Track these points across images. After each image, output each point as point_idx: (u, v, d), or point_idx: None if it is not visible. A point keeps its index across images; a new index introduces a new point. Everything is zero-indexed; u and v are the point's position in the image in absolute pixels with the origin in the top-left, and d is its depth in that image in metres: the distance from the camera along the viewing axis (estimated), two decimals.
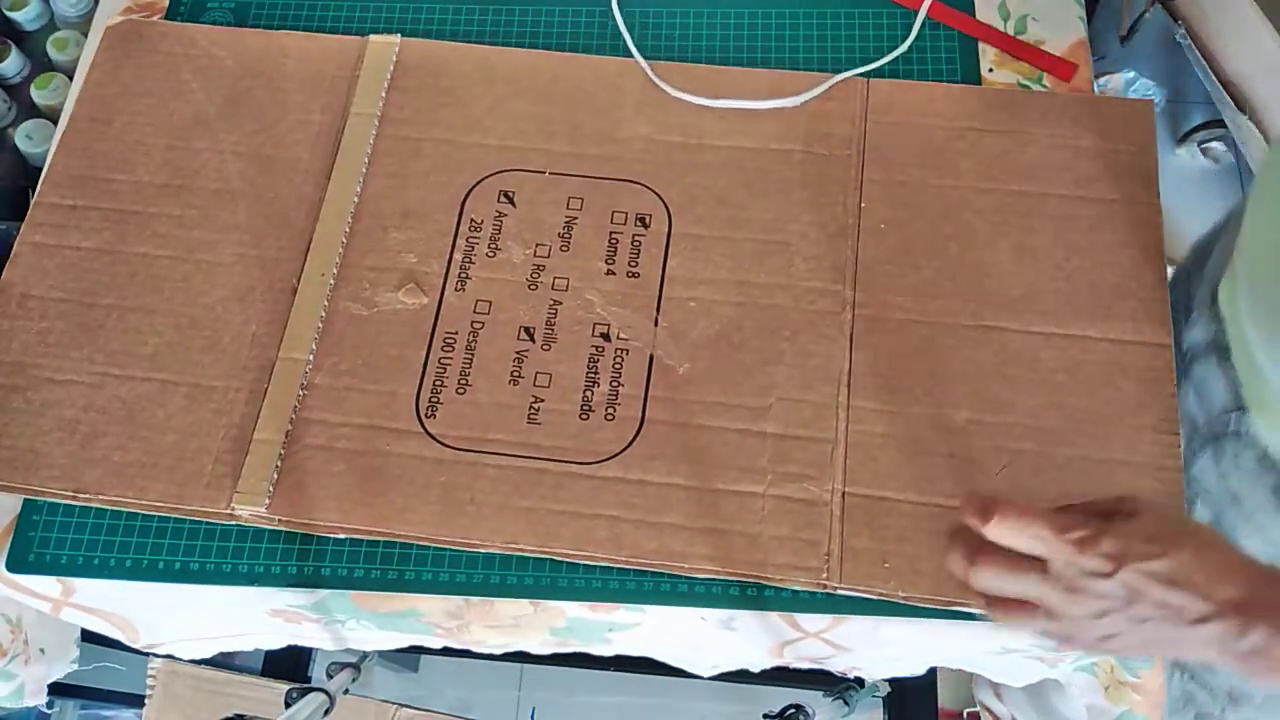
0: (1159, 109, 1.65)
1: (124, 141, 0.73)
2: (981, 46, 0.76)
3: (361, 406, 0.65)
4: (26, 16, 0.92)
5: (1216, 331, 0.64)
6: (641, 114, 0.73)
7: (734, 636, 0.68)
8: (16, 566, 0.64)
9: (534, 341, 0.67)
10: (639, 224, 0.70)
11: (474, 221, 0.70)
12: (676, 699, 1.32)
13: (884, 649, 0.70)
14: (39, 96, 0.89)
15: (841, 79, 0.73)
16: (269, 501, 0.63)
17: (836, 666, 0.75)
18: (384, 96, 0.74)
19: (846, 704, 1.06)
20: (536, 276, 0.68)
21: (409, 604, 0.66)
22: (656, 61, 0.74)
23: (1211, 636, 0.45)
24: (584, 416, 0.64)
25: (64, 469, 0.64)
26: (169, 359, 0.67)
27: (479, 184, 0.71)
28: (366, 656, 0.94)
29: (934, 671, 0.95)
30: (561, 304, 0.68)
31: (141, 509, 0.63)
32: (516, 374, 0.66)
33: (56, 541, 0.64)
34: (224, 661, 0.90)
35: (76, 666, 0.82)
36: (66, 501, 0.64)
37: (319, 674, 1.11)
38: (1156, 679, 0.63)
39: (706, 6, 0.78)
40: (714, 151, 0.71)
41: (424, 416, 0.65)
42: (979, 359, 0.65)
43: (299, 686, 0.78)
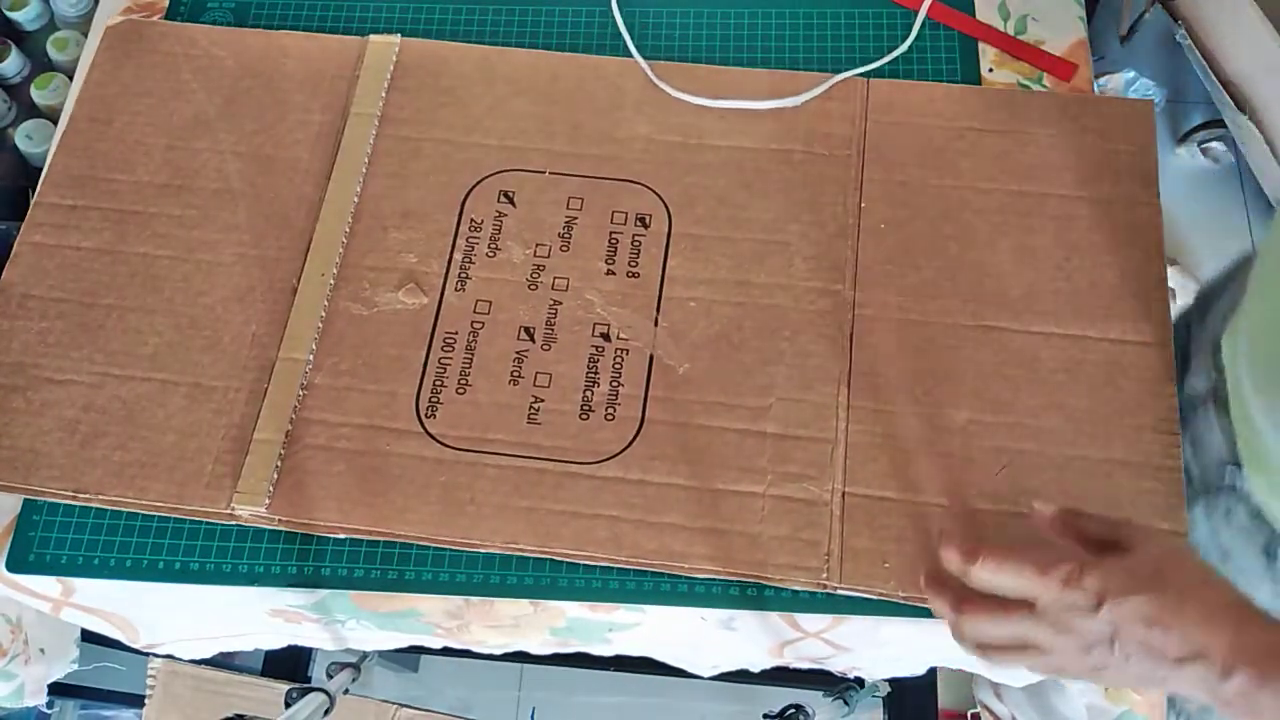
0: (1159, 109, 1.65)
1: (124, 141, 0.73)
2: (981, 46, 0.76)
3: (361, 406, 0.65)
4: (26, 16, 0.92)
5: (1216, 382, 0.63)
6: (641, 114, 0.73)
7: (734, 636, 0.68)
8: (16, 566, 0.64)
9: (534, 341, 0.67)
10: (639, 224, 0.70)
11: (474, 221, 0.70)
12: (676, 699, 1.32)
13: (884, 649, 0.70)
14: (39, 96, 0.89)
15: (841, 79, 0.73)
16: (269, 501, 0.63)
17: (836, 666, 0.75)
18: (384, 96, 0.74)
19: (846, 704, 1.06)
20: (536, 276, 0.68)
21: (409, 604, 0.66)
22: (656, 61, 0.74)
23: (1195, 677, 0.45)
24: (584, 416, 0.64)
25: (64, 469, 0.64)
26: (169, 359, 0.67)
27: (479, 184, 0.71)
28: (366, 656, 0.94)
29: (934, 671, 0.95)
30: (561, 304, 0.68)
31: (141, 509, 0.63)
32: (516, 374, 0.66)
33: (56, 541, 0.64)
34: (224, 661, 0.90)
35: (76, 666, 0.82)
36: (66, 501, 0.64)
37: (319, 674, 1.11)
38: None
39: (706, 6, 0.78)
40: (714, 151, 0.71)
41: (424, 416, 0.65)
42: (979, 359, 0.65)
43: (299, 686, 0.78)
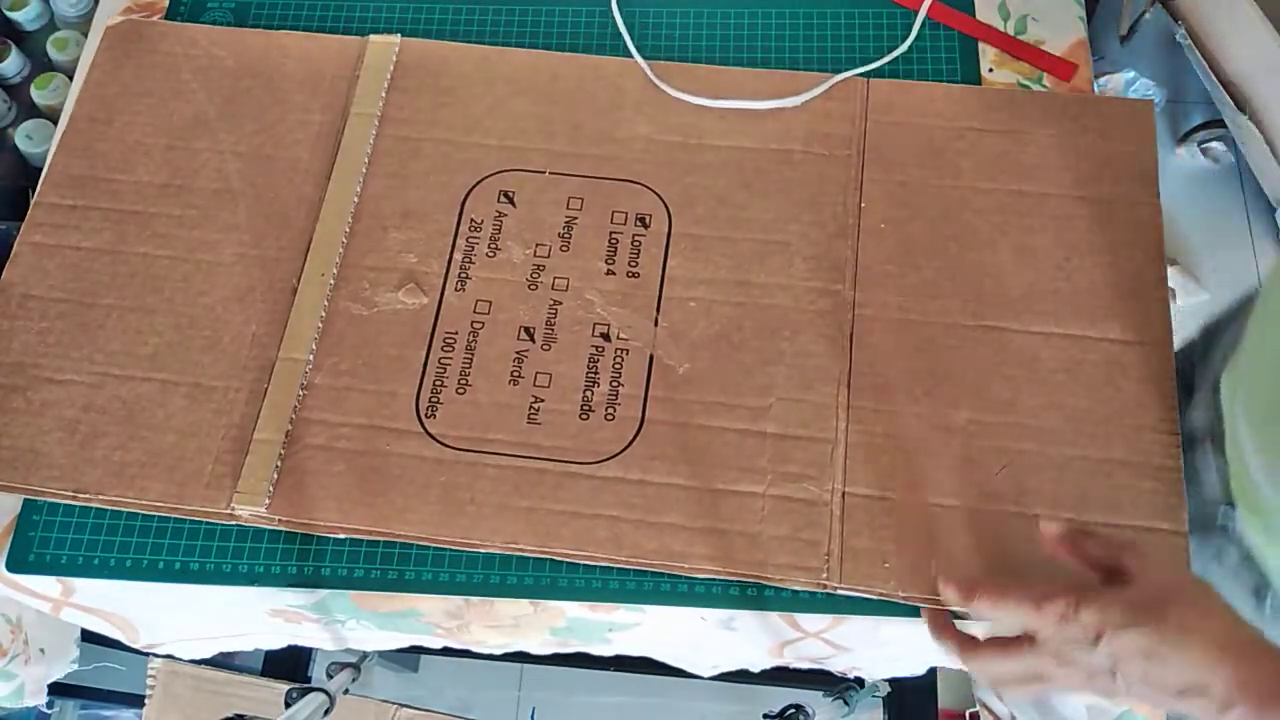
0: (1159, 109, 1.65)
1: (124, 141, 0.73)
2: (981, 46, 0.76)
3: (361, 406, 0.65)
4: (26, 16, 0.92)
5: (1215, 419, 0.62)
6: (641, 114, 0.73)
7: (734, 636, 0.68)
8: (16, 566, 0.64)
9: (534, 341, 0.67)
10: (639, 224, 0.70)
11: (474, 221, 0.70)
12: (676, 699, 1.32)
13: (884, 649, 0.70)
14: (39, 96, 0.89)
15: (841, 79, 0.73)
16: (269, 501, 0.63)
17: (836, 666, 0.75)
18: (384, 96, 0.74)
19: (846, 704, 1.06)
20: (536, 276, 0.68)
21: (409, 604, 0.66)
22: (656, 61, 0.74)
23: (1195, 708, 0.45)
24: (584, 416, 0.64)
25: (64, 469, 0.64)
26: (169, 359, 0.67)
27: (479, 184, 0.71)
28: (366, 656, 0.94)
29: (934, 671, 0.95)
30: (561, 304, 0.68)
31: (141, 509, 0.63)
32: (516, 374, 0.66)
33: (56, 541, 0.64)
34: (224, 661, 0.90)
35: (76, 666, 0.82)
36: (66, 501, 0.64)
37: (319, 674, 1.11)
38: None
39: (706, 6, 0.78)
40: (714, 151, 0.71)
41: (424, 416, 0.65)
42: (979, 359, 0.65)
43: (299, 686, 0.78)
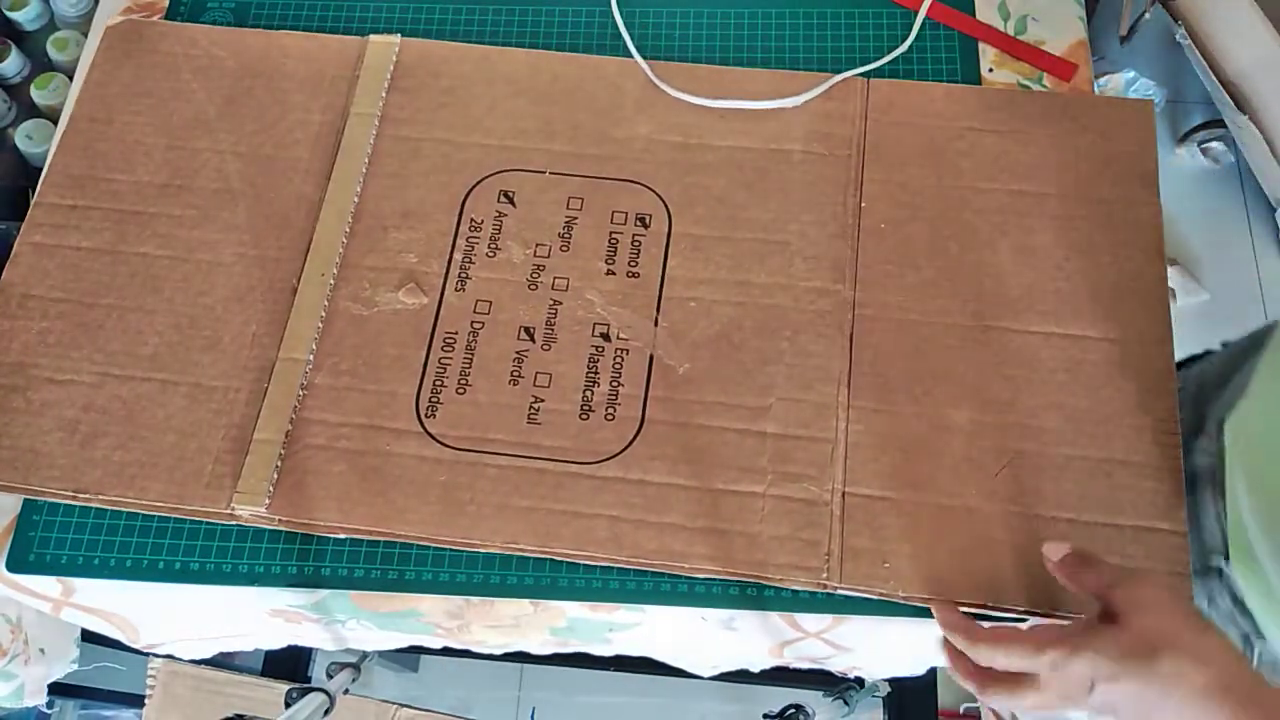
0: (1159, 109, 1.65)
1: (124, 141, 0.73)
2: (981, 46, 0.76)
3: (361, 406, 0.65)
4: (26, 16, 0.92)
5: (1220, 463, 0.62)
6: (641, 114, 0.73)
7: (734, 636, 0.68)
8: (16, 566, 0.64)
9: (534, 341, 0.67)
10: (639, 224, 0.70)
11: (474, 221, 0.70)
12: (676, 699, 1.32)
13: (884, 649, 0.70)
14: (39, 96, 0.89)
15: (841, 79, 0.73)
16: (269, 501, 0.63)
17: (836, 666, 0.75)
18: (384, 96, 0.74)
19: (846, 704, 1.06)
20: (536, 276, 0.68)
21: (409, 604, 0.66)
22: (656, 61, 0.74)
23: None
24: (584, 416, 0.64)
25: (64, 469, 0.64)
26: (169, 359, 0.67)
27: (479, 184, 0.71)
28: (366, 656, 0.94)
29: (934, 671, 0.95)
30: (561, 304, 0.68)
31: (141, 509, 0.63)
32: (516, 374, 0.66)
33: (56, 541, 0.64)
34: (224, 661, 0.90)
35: (76, 666, 0.82)
36: (66, 501, 0.64)
37: (319, 674, 1.11)
38: None
39: (706, 6, 0.78)
40: (714, 151, 0.71)
41: (424, 416, 0.65)
42: (979, 359, 0.65)
43: (299, 686, 0.78)
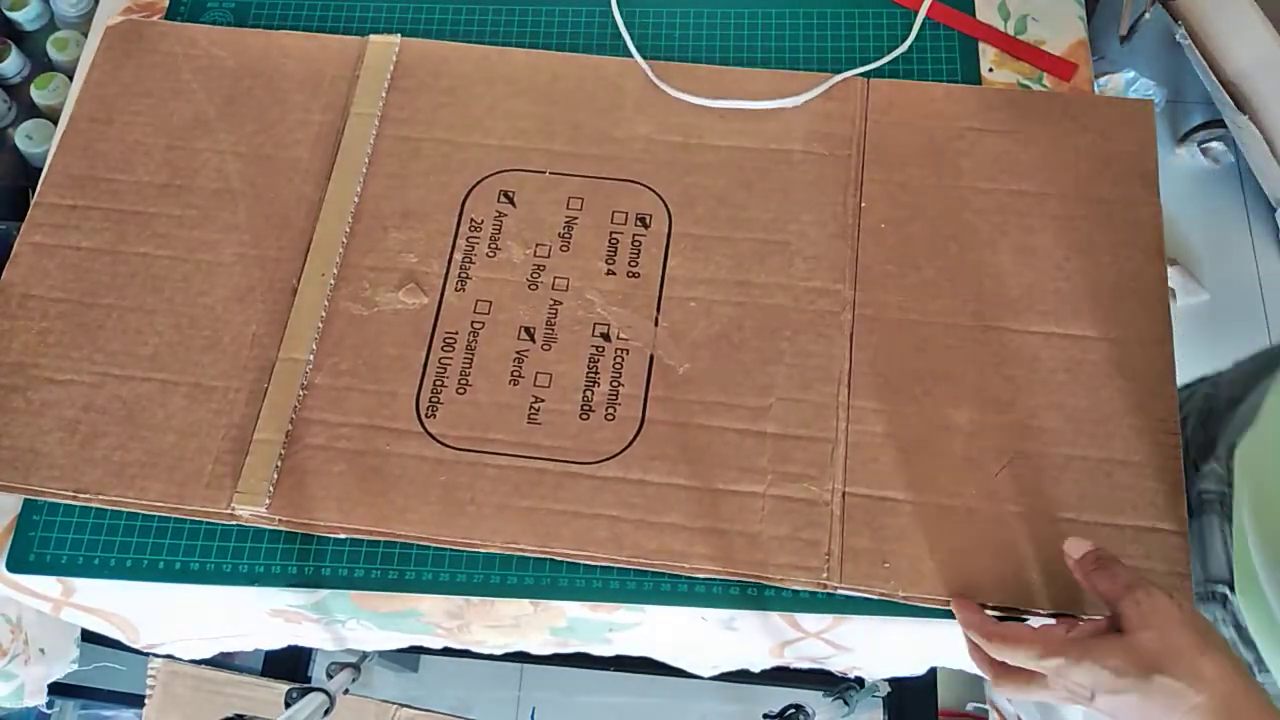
0: (1159, 109, 1.65)
1: (124, 141, 0.73)
2: (981, 46, 0.76)
3: (361, 406, 0.65)
4: (26, 16, 0.92)
5: (1228, 490, 0.62)
6: (641, 114, 0.73)
7: (734, 636, 0.68)
8: (16, 566, 0.64)
9: (534, 341, 0.67)
10: (639, 224, 0.70)
11: (474, 221, 0.70)
12: (676, 699, 1.32)
13: (884, 649, 0.70)
14: (39, 96, 0.89)
15: (841, 79, 0.73)
16: (269, 501, 0.63)
17: (836, 666, 0.75)
18: (384, 96, 0.74)
19: (846, 704, 1.06)
20: (536, 276, 0.68)
21: (409, 604, 0.66)
22: (656, 61, 0.74)
23: None
24: (584, 416, 0.64)
25: (64, 469, 0.64)
26: (169, 359, 0.67)
27: (479, 184, 0.71)
28: (366, 656, 0.94)
29: (934, 671, 0.95)
30: (561, 304, 0.68)
31: (141, 509, 0.63)
32: (516, 374, 0.66)
33: (56, 541, 0.64)
34: (224, 661, 0.90)
35: (76, 666, 0.82)
36: (66, 501, 0.64)
37: (319, 674, 1.11)
38: None
39: (706, 6, 0.78)
40: (714, 151, 0.71)
41: (424, 416, 0.65)
42: (979, 359, 0.65)
43: (299, 686, 0.78)
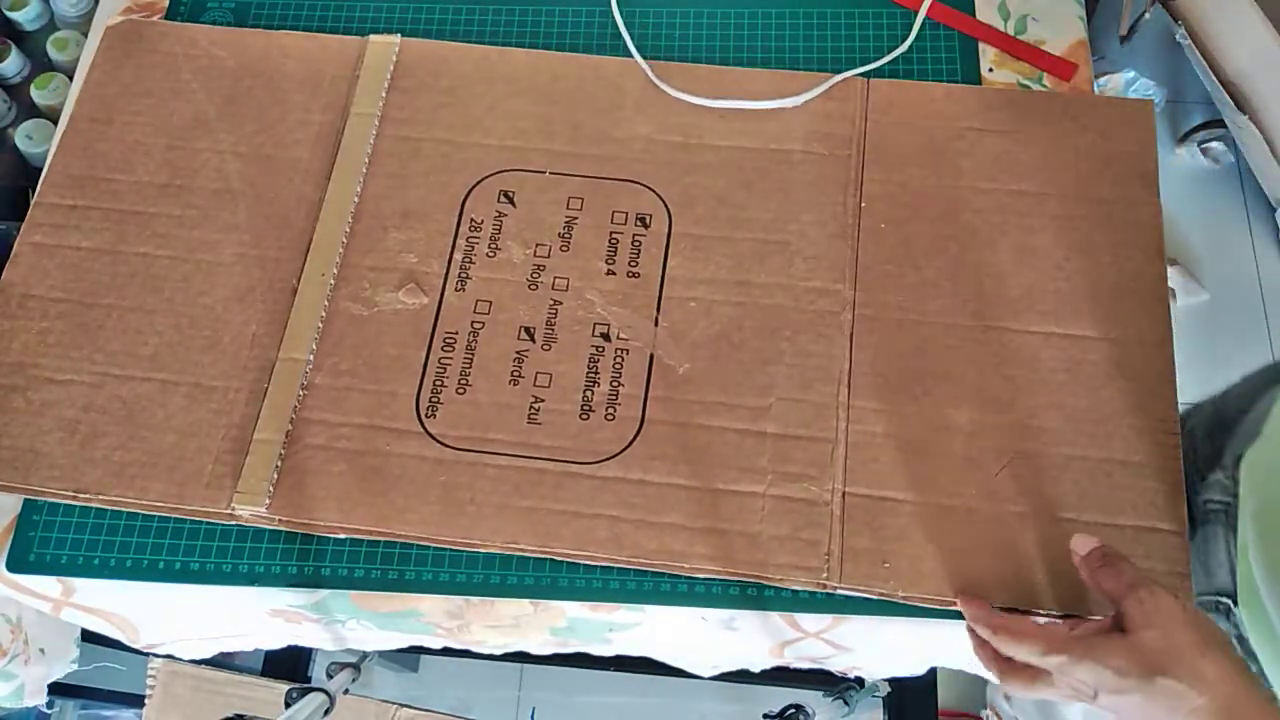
0: (1159, 109, 1.65)
1: (124, 141, 0.73)
2: (981, 46, 0.76)
3: (361, 406, 0.65)
4: (26, 16, 0.92)
5: (1233, 501, 0.62)
6: (641, 114, 0.73)
7: (734, 636, 0.68)
8: (16, 566, 0.64)
9: (534, 341, 0.67)
10: (639, 224, 0.70)
11: (474, 221, 0.70)
12: (676, 699, 1.32)
13: (884, 649, 0.70)
14: (39, 96, 0.89)
15: (841, 79, 0.73)
16: (269, 501, 0.63)
17: (836, 666, 0.75)
18: (384, 96, 0.74)
19: (846, 704, 1.06)
20: (536, 276, 0.68)
21: (409, 604, 0.66)
22: (656, 61, 0.74)
23: None
24: (584, 416, 0.64)
25: (64, 469, 0.64)
26: (169, 359, 0.67)
27: (479, 184, 0.71)
28: (366, 656, 0.94)
29: (934, 671, 0.95)
30: (561, 304, 0.68)
31: (141, 509, 0.63)
32: (516, 374, 0.66)
33: (56, 541, 0.64)
34: (224, 661, 0.90)
35: (76, 666, 0.82)
36: (66, 501, 0.64)
37: (319, 674, 1.11)
38: None
39: (706, 6, 0.78)
40: (714, 151, 0.71)
41: (424, 416, 0.65)
42: (979, 359, 0.65)
43: (299, 686, 0.78)
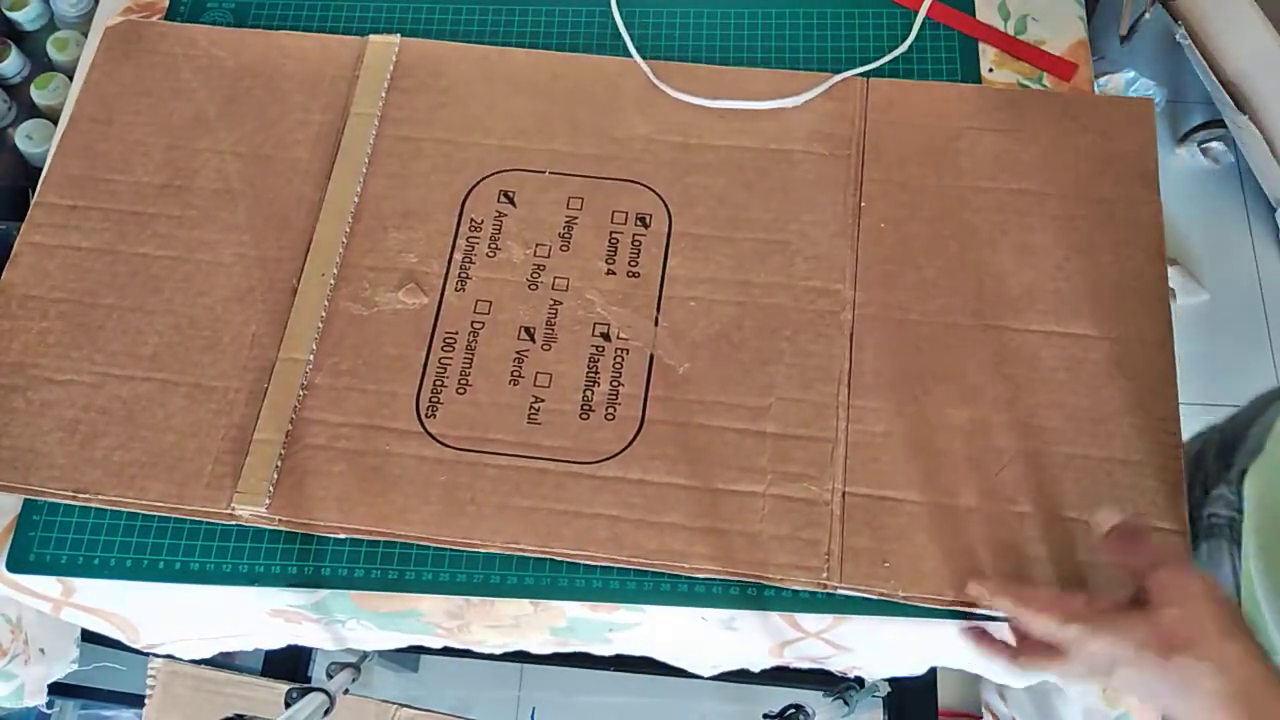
0: (1159, 109, 1.65)
1: (124, 141, 0.73)
2: (981, 46, 0.76)
3: (361, 406, 0.65)
4: (26, 16, 0.92)
5: (1238, 514, 0.63)
6: (641, 114, 0.73)
7: (734, 636, 0.68)
8: (16, 566, 0.64)
9: (534, 341, 0.67)
10: (639, 224, 0.70)
11: (474, 221, 0.70)
12: (676, 699, 1.32)
13: (884, 649, 0.70)
14: (39, 96, 0.89)
15: (841, 79, 0.73)
16: (269, 501, 0.63)
17: (836, 666, 0.75)
18: (384, 96, 0.74)
19: (846, 704, 1.06)
20: (536, 276, 0.68)
21: (409, 604, 0.66)
22: (656, 61, 0.74)
23: None
24: (584, 416, 0.64)
25: (64, 469, 0.64)
26: (169, 359, 0.67)
27: (479, 184, 0.71)
28: (366, 656, 0.94)
29: (934, 671, 0.95)
30: (562, 304, 0.68)
31: (141, 509, 0.63)
32: (516, 374, 0.66)
33: (56, 541, 0.64)
34: (224, 661, 0.90)
35: (76, 666, 0.82)
36: (66, 501, 0.64)
37: (319, 674, 1.11)
38: None
39: (706, 6, 0.78)
40: (714, 151, 0.71)
41: (424, 416, 0.65)
42: (979, 359, 0.65)
43: (299, 686, 0.78)
